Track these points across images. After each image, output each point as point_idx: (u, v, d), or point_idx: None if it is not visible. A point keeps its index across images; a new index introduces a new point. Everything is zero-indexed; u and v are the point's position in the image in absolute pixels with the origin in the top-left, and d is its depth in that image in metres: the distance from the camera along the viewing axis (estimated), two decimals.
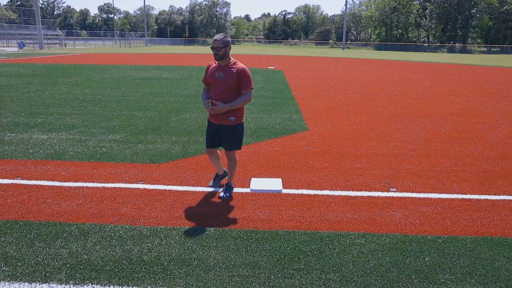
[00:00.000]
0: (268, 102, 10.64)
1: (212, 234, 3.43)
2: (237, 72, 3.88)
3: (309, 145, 6.40)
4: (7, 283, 2.70)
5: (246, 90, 3.95)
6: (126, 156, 5.56)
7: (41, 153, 5.65)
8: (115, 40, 75.00)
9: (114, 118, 8.08)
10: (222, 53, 3.83)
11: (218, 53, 3.82)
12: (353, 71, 22.05)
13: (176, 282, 2.75)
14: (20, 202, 3.98)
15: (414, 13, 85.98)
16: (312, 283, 2.77)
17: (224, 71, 3.89)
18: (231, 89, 3.91)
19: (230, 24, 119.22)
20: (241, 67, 3.92)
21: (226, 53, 3.86)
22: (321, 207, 4.03)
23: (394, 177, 4.97)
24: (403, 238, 3.44)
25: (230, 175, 4.31)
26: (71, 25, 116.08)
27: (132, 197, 4.16)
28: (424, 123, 8.32)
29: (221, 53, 3.83)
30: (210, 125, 4.15)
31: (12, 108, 8.96)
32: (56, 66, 20.93)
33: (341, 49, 74.25)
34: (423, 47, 77.78)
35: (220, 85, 3.90)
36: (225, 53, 3.85)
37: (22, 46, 44.28)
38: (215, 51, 3.82)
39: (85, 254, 3.07)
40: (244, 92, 3.95)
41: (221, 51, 3.82)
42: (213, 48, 3.81)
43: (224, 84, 3.88)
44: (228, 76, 3.87)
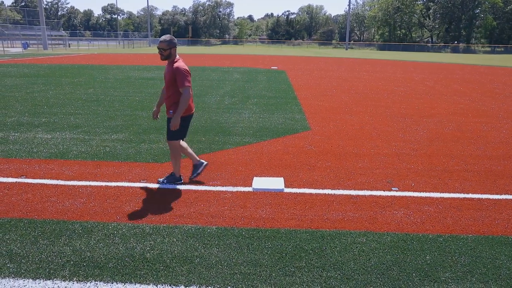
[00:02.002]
0: (270, 102, 10.66)
1: (214, 232, 3.45)
2: (172, 69, 4.14)
3: (312, 144, 6.41)
4: (11, 279, 2.73)
5: (182, 88, 4.15)
6: (129, 155, 5.59)
7: (45, 152, 5.69)
8: (119, 41, 75.24)
9: (117, 118, 8.13)
10: (167, 54, 4.15)
11: (163, 53, 4.14)
12: (356, 71, 22.04)
13: (178, 280, 2.77)
14: (25, 201, 4.02)
15: (418, 13, 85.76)
16: (313, 281, 2.79)
17: (167, 69, 4.23)
18: (170, 85, 4.21)
19: (233, 24, 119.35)
20: (176, 65, 4.15)
21: (170, 54, 4.16)
22: (323, 206, 4.05)
23: (396, 177, 4.98)
24: (404, 236, 3.45)
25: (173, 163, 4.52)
26: (74, 26, 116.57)
27: (135, 196, 4.19)
28: (427, 123, 8.31)
29: (166, 53, 4.14)
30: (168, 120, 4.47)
31: (16, 108, 9.03)
32: (60, 67, 21.04)
33: (344, 49, 74.15)
34: (426, 47, 77.59)
35: (165, 80, 4.27)
36: (169, 54, 4.16)
37: (26, 47, 44.50)
38: (160, 52, 4.14)
39: (88, 252, 3.10)
40: (181, 90, 4.16)
41: (166, 52, 4.14)
42: (158, 48, 4.13)
43: (165, 81, 4.25)
44: (168, 73, 4.19)
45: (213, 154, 5.73)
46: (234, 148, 6.07)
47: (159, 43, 4.17)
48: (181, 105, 4.12)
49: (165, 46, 4.12)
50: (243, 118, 8.35)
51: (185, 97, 4.12)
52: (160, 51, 4.15)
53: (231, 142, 6.43)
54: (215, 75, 17.90)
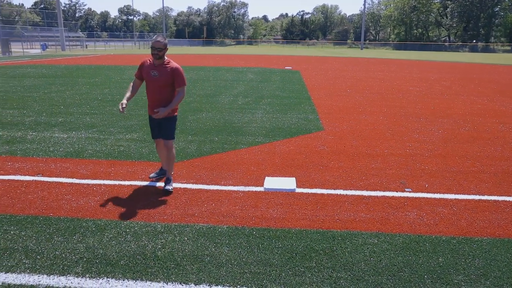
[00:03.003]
0: (284, 102, 10.64)
1: (225, 231, 3.47)
2: (171, 70, 4.15)
3: (324, 144, 6.39)
4: (27, 275, 2.80)
5: (180, 88, 4.23)
6: (142, 155, 5.66)
7: (61, 151, 5.80)
8: (134, 41, 76.13)
9: (132, 118, 8.23)
10: (162, 54, 4.09)
11: (159, 53, 4.06)
12: (371, 71, 21.84)
13: (188, 278, 2.80)
14: (41, 198, 4.10)
15: (435, 12, 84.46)
16: (322, 281, 2.78)
17: (158, 70, 4.15)
18: (166, 86, 4.18)
19: (247, 24, 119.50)
20: (174, 66, 4.18)
21: (164, 54, 4.14)
22: (334, 206, 4.03)
23: (410, 177, 4.92)
24: (417, 238, 3.41)
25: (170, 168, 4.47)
26: (92, 27, 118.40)
27: (148, 195, 4.24)
28: (442, 123, 8.18)
29: (162, 53, 4.08)
30: (150, 118, 4.45)
31: (34, 108, 9.22)
32: (77, 67, 21.40)
33: (360, 49, 73.54)
34: (443, 46, 76.37)
35: (155, 82, 4.17)
36: (164, 54, 4.13)
37: (45, 48, 45.40)
38: (156, 51, 4.04)
39: (101, 249, 3.15)
40: (179, 89, 4.24)
41: (162, 52, 4.08)
42: (154, 48, 4.03)
43: (159, 82, 4.16)
44: (163, 75, 4.14)
45: (225, 154, 5.76)
46: (246, 148, 6.09)
47: (155, 42, 4.04)
48: (177, 100, 4.21)
49: (162, 46, 4.06)
50: (256, 118, 8.36)
51: (182, 95, 4.26)
52: (156, 50, 4.04)
53: (244, 142, 6.45)
54: (229, 75, 17.96)
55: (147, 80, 4.21)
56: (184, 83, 4.23)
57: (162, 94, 4.19)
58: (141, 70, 4.27)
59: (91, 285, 2.69)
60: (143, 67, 4.25)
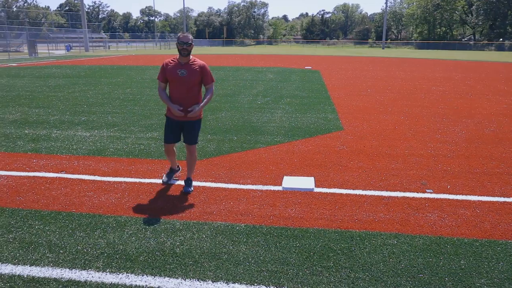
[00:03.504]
0: (303, 101, 10.60)
1: (243, 230, 3.48)
2: (199, 68, 4.06)
3: (344, 144, 6.33)
4: (50, 268, 2.88)
5: (210, 85, 4.17)
6: (162, 153, 5.73)
7: (84, 149, 5.94)
8: (156, 42, 77.18)
9: (152, 117, 8.35)
10: (191, 50, 3.97)
11: (188, 48, 3.94)
12: (392, 71, 21.51)
13: (206, 275, 2.82)
14: (64, 195, 4.21)
15: (459, 10, 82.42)
16: (340, 282, 2.76)
17: (186, 68, 4.01)
18: (195, 85, 4.07)
19: (267, 24, 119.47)
20: (202, 63, 4.10)
21: (191, 50, 4.01)
22: (353, 207, 3.99)
23: (431, 178, 4.82)
24: (438, 240, 3.34)
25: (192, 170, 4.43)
26: (114, 28, 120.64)
27: (167, 192, 4.29)
28: (466, 124, 7.99)
29: (191, 48, 3.96)
30: (171, 122, 4.22)
31: (58, 107, 9.46)
32: (100, 68, 21.85)
33: (381, 49, 72.51)
34: (468, 45, 74.45)
35: (184, 82, 4.01)
36: (191, 49, 3.99)
37: (69, 49, 46.53)
38: (185, 46, 3.92)
39: (121, 245, 3.21)
40: (208, 86, 4.17)
41: (190, 47, 3.96)
42: (183, 43, 3.91)
43: (188, 81, 4.01)
44: (192, 73, 4.01)
45: (244, 153, 5.78)
46: (265, 147, 6.09)
47: (184, 37, 3.92)
48: (209, 97, 4.14)
49: (190, 40, 3.95)
50: (275, 118, 8.35)
51: (212, 92, 4.20)
52: (185, 45, 3.91)
53: (263, 141, 6.45)
54: (249, 75, 18.00)
55: (174, 80, 4.03)
56: (213, 80, 4.19)
57: (190, 93, 4.05)
58: (165, 71, 4.08)
59: (111, 280, 2.75)
60: (166, 68, 4.07)
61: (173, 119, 4.19)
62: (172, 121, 4.20)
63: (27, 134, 6.81)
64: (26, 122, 7.80)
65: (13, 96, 11.16)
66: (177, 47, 3.98)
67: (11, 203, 3.99)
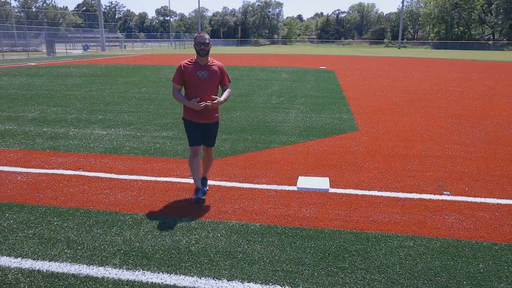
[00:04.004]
0: (318, 101, 10.55)
1: (258, 229, 3.48)
2: (218, 68, 3.95)
3: (359, 145, 6.28)
4: (68, 264, 2.93)
5: (227, 85, 4.06)
6: (177, 152, 5.78)
7: (101, 147, 6.02)
8: (171, 42, 77.76)
9: (168, 116, 8.42)
10: (209, 48, 3.83)
11: (206, 48, 3.80)
12: (408, 71, 21.25)
13: (221, 273, 2.83)
14: (81, 192, 4.28)
15: (478, 9, 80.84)
16: (356, 283, 2.74)
17: (207, 70, 3.87)
18: (215, 86, 3.96)
19: (282, 24, 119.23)
20: (220, 64, 4.01)
21: (210, 49, 3.86)
22: (369, 208, 3.95)
23: (449, 180, 4.75)
24: (455, 243, 3.29)
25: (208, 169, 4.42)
26: (130, 28, 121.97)
27: (182, 191, 4.32)
28: (485, 125, 7.84)
29: (209, 48, 3.83)
30: (193, 124, 3.99)
31: (76, 106, 9.62)
32: (116, 67, 22.12)
33: (397, 48, 71.66)
34: (487, 45, 73.01)
35: (205, 84, 3.85)
36: (210, 49, 3.85)
37: (86, 49, 47.24)
38: (203, 46, 3.77)
39: (137, 242, 3.25)
40: (226, 87, 4.06)
41: (209, 46, 3.82)
42: (201, 43, 3.76)
43: (208, 82, 3.86)
44: (212, 74, 3.88)
45: (259, 153, 5.78)
46: (280, 147, 6.08)
47: (200, 37, 3.77)
48: (229, 93, 4.04)
49: (208, 40, 3.81)
50: (290, 118, 8.33)
51: (230, 90, 4.11)
52: (203, 45, 3.76)
53: (277, 141, 6.45)
54: (263, 75, 18.00)
55: (193, 82, 3.84)
56: (230, 81, 4.13)
57: (211, 94, 3.90)
58: (183, 74, 3.85)
59: (127, 277, 2.78)
60: (185, 71, 3.84)
61: (193, 121, 3.97)
62: (193, 123, 3.99)
63: (46, 132, 6.94)
64: (44, 120, 7.95)
65: (32, 94, 11.39)
66: (195, 48, 3.83)
67: (30, 199, 4.08)
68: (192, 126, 4.00)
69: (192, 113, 3.93)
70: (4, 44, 39.01)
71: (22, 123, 7.64)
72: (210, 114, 3.98)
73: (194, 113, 3.93)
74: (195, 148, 4.03)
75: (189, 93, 3.92)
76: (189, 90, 3.91)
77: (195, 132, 4.01)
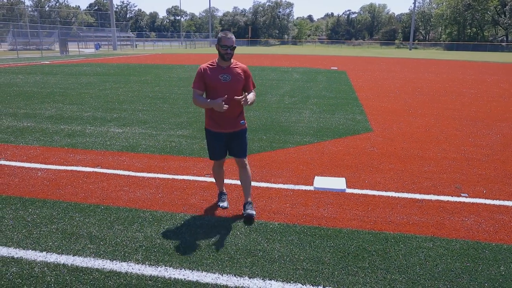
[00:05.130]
0: (331, 102, 10.54)
1: (276, 228, 3.51)
2: (243, 71, 3.58)
3: (374, 146, 6.27)
4: (92, 259, 2.98)
5: (253, 90, 3.67)
6: (193, 151, 5.83)
7: (117, 145, 6.10)
8: (181, 41, 78.16)
9: (182, 115, 8.48)
10: (233, 53, 3.47)
11: (232, 52, 3.43)
12: (420, 72, 21.09)
13: (242, 271, 2.87)
14: (101, 189, 4.35)
15: (492, 10, 79.88)
16: (377, 282, 2.75)
17: (229, 73, 3.50)
18: (239, 90, 3.55)
19: (292, 24, 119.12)
20: (244, 67, 3.62)
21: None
22: (386, 208, 3.96)
23: (465, 182, 4.73)
24: (475, 244, 3.28)
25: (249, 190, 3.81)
26: (141, 27, 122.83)
27: (200, 189, 4.37)
28: (501, 127, 7.77)
29: (233, 52, 3.47)
30: (216, 136, 3.63)
31: (91, 104, 9.74)
32: (128, 66, 22.31)
33: (408, 49, 71.15)
34: (500, 46, 72.11)
35: (227, 88, 3.47)
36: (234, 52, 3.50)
37: (98, 47, 47.70)
38: (229, 50, 3.40)
39: (158, 239, 3.29)
40: (251, 91, 3.65)
41: (233, 51, 3.46)
42: (227, 47, 3.38)
43: (232, 87, 3.49)
44: (235, 77, 3.51)
45: (274, 152, 5.80)
46: (295, 147, 6.10)
47: (227, 39, 3.39)
48: (254, 97, 3.61)
49: (234, 43, 3.45)
50: (303, 118, 8.35)
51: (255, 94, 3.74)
52: (229, 49, 3.40)
53: (292, 141, 6.46)
54: (275, 75, 18.01)
55: (215, 87, 3.48)
56: (255, 85, 3.76)
57: (234, 100, 3.50)
58: (204, 78, 3.50)
59: (150, 272, 2.83)
60: (206, 75, 3.49)
61: (216, 132, 3.61)
62: (216, 134, 3.62)
63: (63, 130, 7.04)
64: (61, 118, 8.06)
65: (48, 92, 11.55)
66: (219, 50, 3.44)
67: (51, 195, 4.15)
68: (214, 138, 3.65)
69: (215, 122, 3.58)
70: (18, 43, 39.58)
71: (39, 121, 7.76)
72: (234, 121, 3.60)
73: (217, 123, 3.58)
74: (217, 163, 3.81)
75: (210, 99, 3.56)
76: (210, 95, 3.56)
77: (217, 147, 3.66)
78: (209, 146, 3.74)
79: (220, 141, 3.64)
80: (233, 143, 3.66)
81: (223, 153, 3.73)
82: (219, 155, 3.72)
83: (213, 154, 3.74)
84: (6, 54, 35.59)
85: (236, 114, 3.60)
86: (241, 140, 3.67)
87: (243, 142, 3.69)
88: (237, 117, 3.62)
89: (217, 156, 3.73)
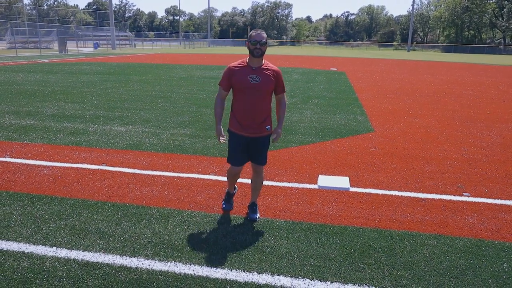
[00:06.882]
0: (332, 102, 10.60)
1: (283, 225, 3.56)
2: (274, 73, 3.35)
3: (376, 146, 6.33)
4: (102, 254, 3.02)
5: (282, 94, 3.48)
6: (197, 150, 5.87)
7: (121, 143, 6.13)
8: (180, 41, 78.14)
9: (184, 114, 8.52)
10: (265, 49, 3.26)
11: (263, 48, 3.23)
12: (419, 74, 21.20)
13: (251, 266, 2.91)
14: (107, 186, 4.38)
15: (489, 13, 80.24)
16: (383, 278, 2.80)
17: (259, 74, 3.29)
18: (268, 94, 3.36)
19: (291, 25, 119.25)
20: (276, 69, 3.40)
21: (266, 50, 3.28)
22: (390, 207, 4.01)
23: (467, 182, 4.79)
24: (478, 242, 3.34)
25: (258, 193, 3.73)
26: (140, 27, 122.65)
27: (206, 187, 4.41)
28: (500, 129, 7.85)
29: (265, 48, 3.25)
30: (238, 139, 3.45)
31: (93, 103, 9.76)
32: (128, 65, 22.31)
33: (406, 51, 71.39)
34: (498, 49, 72.45)
35: (257, 90, 3.29)
36: (265, 50, 3.28)
37: (97, 47, 47.64)
38: (259, 46, 3.21)
39: (166, 235, 3.33)
40: (281, 96, 3.48)
41: (265, 46, 3.25)
42: (257, 42, 3.20)
43: (261, 90, 3.29)
44: (266, 79, 3.30)
45: (277, 152, 5.85)
46: (298, 147, 6.15)
47: (256, 35, 3.22)
48: (285, 112, 3.53)
49: (265, 39, 3.24)
50: (305, 118, 8.40)
51: (286, 103, 3.56)
52: (259, 44, 3.21)
53: (295, 140, 6.51)
54: None
55: (242, 88, 3.30)
56: (285, 89, 3.52)
57: (263, 104, 3.34)
58: (232, 77, 3.33)
59: (160, 268, 2.87)
60: (234, 74, 3.32)
61: (241, 135, 3.41)
62: (240, 138, 3.41)
63: (66, 128, 7.07)
64: (63, 116, 8.09)
65: (49, 91, 11.56)
66: (248, 47, 3.26)
67: (58, 191, 4.19)
68: (236, 140, 3.44)
69: (238, 123, 3.39)
70: (16, 41, 39.48)
71: (42, 119, 7.78)
72: (259, 126, 3.39)
73: (240, 124, 3.39)
74: (236, 169, 3.55)
75: (237, 100, 3.37)
76: (238, 96, 3.37)
77: (239, 150, 3.45)
78: (230, 148, 3.53)
79: (241, 145, 3.43)
80: (254, 149, 3.46)
81: (243, 160, 3.50)
82: (238, 161, 3.49)
83: (231, 157, 3.52)
84: (5, 52, 35.52)
85: (261, 118, 3.38)
86: (264, 147, 3.48)
87: (265, 149, 3.50)
88: (262, 122, 3.40)
89: (236, 161, 3.49)
